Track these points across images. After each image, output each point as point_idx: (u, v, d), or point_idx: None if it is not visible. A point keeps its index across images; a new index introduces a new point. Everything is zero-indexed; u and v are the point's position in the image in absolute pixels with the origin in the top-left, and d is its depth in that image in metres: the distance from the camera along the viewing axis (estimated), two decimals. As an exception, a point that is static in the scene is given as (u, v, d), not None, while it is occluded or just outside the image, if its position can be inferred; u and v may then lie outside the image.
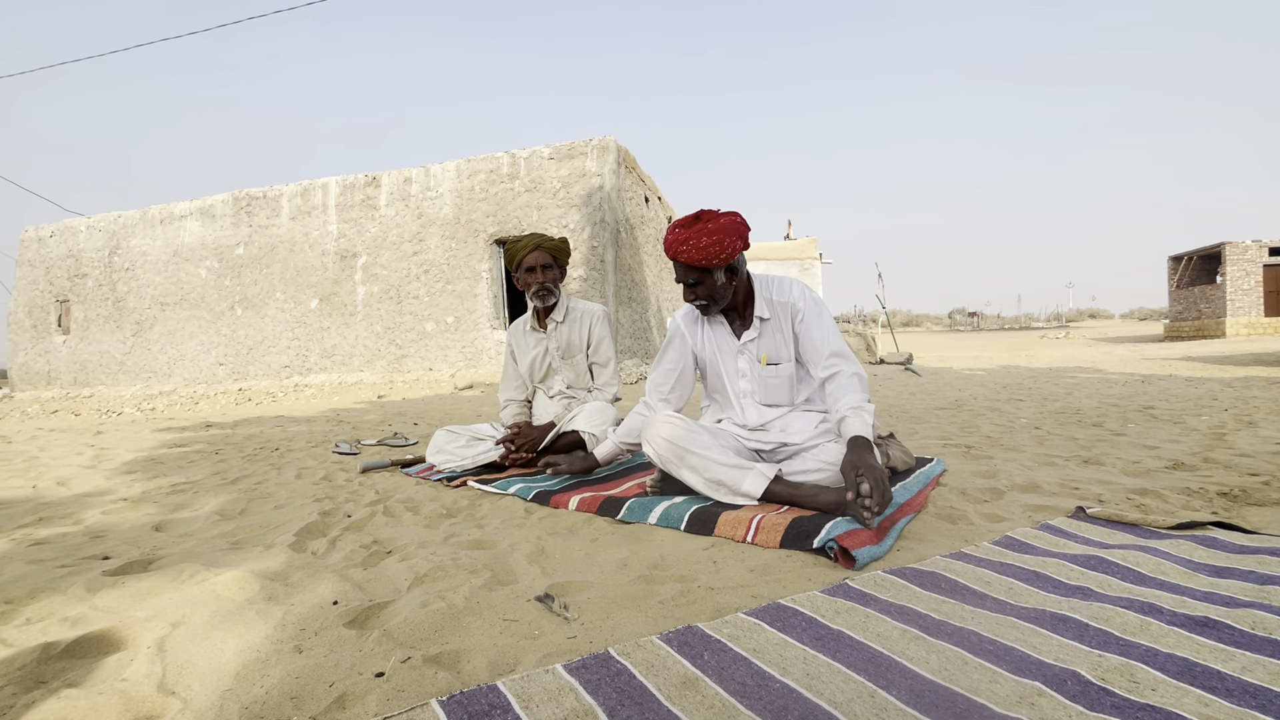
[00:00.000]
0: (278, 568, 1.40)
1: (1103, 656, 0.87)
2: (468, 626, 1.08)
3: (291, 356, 10.70)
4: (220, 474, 2.64)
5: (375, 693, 0.88)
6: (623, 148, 9.48)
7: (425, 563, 1.39)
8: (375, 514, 1.87)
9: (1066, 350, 14.23)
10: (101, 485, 2.50)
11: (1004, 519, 1.60)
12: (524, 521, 1.73)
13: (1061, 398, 4.45)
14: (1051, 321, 44.09)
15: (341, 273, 10.40)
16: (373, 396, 7.23)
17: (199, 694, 0.89)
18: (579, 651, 0.97)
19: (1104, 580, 1.15)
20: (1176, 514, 1.57)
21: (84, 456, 3.31)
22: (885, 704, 0.79)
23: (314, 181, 10.62)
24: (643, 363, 9.61)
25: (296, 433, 4.04)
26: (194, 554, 1.53)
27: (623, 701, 0.82)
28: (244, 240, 11.00)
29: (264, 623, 1.11)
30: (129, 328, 11.82)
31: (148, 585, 1.31)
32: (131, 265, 11.78)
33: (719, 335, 1.87)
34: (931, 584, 1.16)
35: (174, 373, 11.49)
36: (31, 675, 0.96)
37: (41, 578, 1.39)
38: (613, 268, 9.13)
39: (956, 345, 19.88)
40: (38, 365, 12.63)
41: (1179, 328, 19.82)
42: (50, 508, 2.11)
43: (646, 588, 1.22)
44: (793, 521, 1.45)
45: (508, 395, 2.68)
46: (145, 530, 1.79)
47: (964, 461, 2.33)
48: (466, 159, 9.82)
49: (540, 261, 2.44)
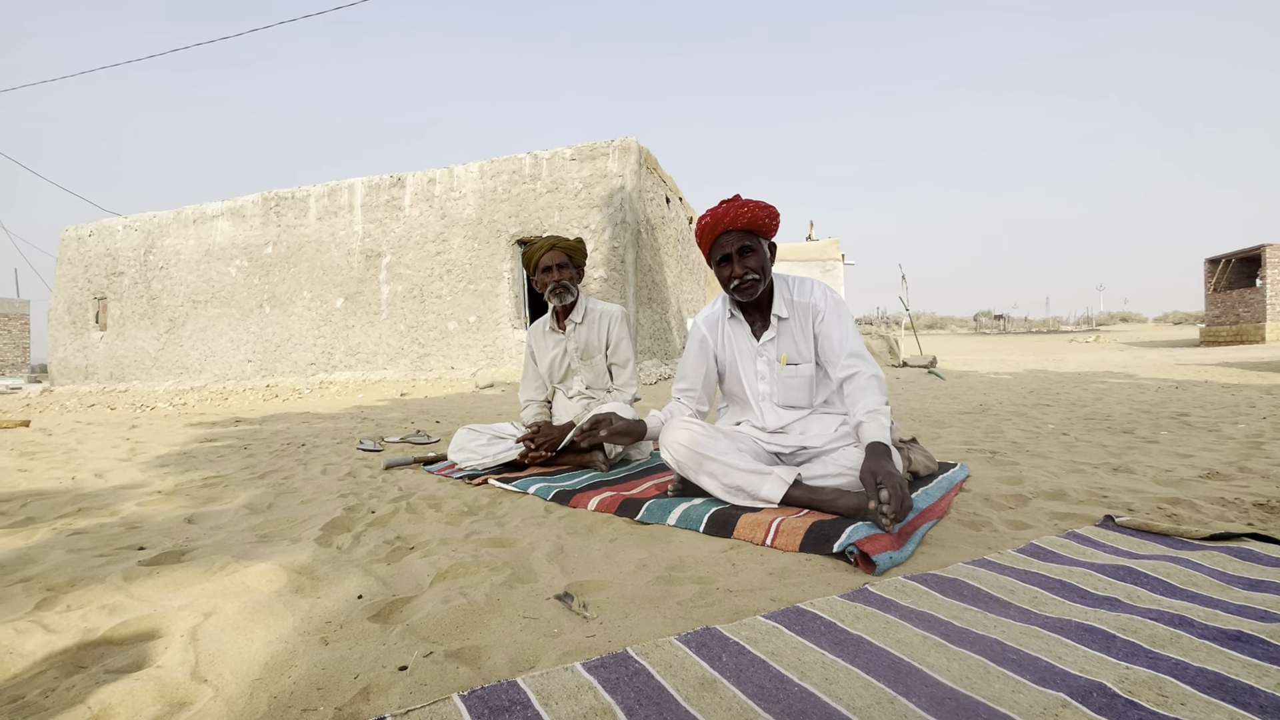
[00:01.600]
0: (304, 561, 1.43)
1: (1130, 669, 0.85)
2: (488, 623, 1.09)
3: (317, 354, 10.91)
4: (249, 469, 2.71)
5: (398, 686, 0.89)
6: (644, 148, 9.49)
7: (447, 559, 1.41)
8: (398, 510, 1.90)
9: (1096, 354, 13.89)
10: (137, 478, 2.58)
11: (1029, 526, 1.58)
12: (543, 520, 1.75)
13: (1090, 403, 4.35)
14: (1081, 325, 43.07)
15: (366, 272, 10.58)
16: (395, 394, 7.34)
17: (230, 682, 0.92)
18: (597, 650, 0.98)
19: (1133, 591, 1.13)
20: (1210, 525, 1.52)
21: (120, 450, 3.41)
22: (905, 711, 0.79)
23: (340, 182, 10.82)
24: (662, 363, 9.61)
25: (322, 429, 4.12)
26: (224, 546, 1.58)
27: (641, 701, 0.83)
28: (273, 240, 11.25)
29: (291, 615, 1.14)
30: (162, 325, 12.15)
31: (181, 576, 1.35)
32: (165, 264, 12.12)
33: (738, 337, 1.87)
34: (954, 591, 1.15)
35: (205, 369, 11.78)
36: (72, 660, 0.99)
37: (81, 566, 1.44)
38: (633, 268, 9.15)
39: (982, 348, 19.53)
40: (76, 360, 13.05)
41: (1215, 332, 19.24)
42: (88, 499, 2.19)
43: (665, 588, 1.23)
44: (812, 525, 1.44)
45: (528, 395, 2.70)
46: (178, 522, 1.84)
47: (988, 467, 2.30)
48: (489, 160, 9.91)
49: (556, 261, 2.47)
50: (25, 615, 1.16)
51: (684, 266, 12.38)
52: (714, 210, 1.73)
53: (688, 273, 12.68)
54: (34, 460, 3.11)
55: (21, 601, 1.23)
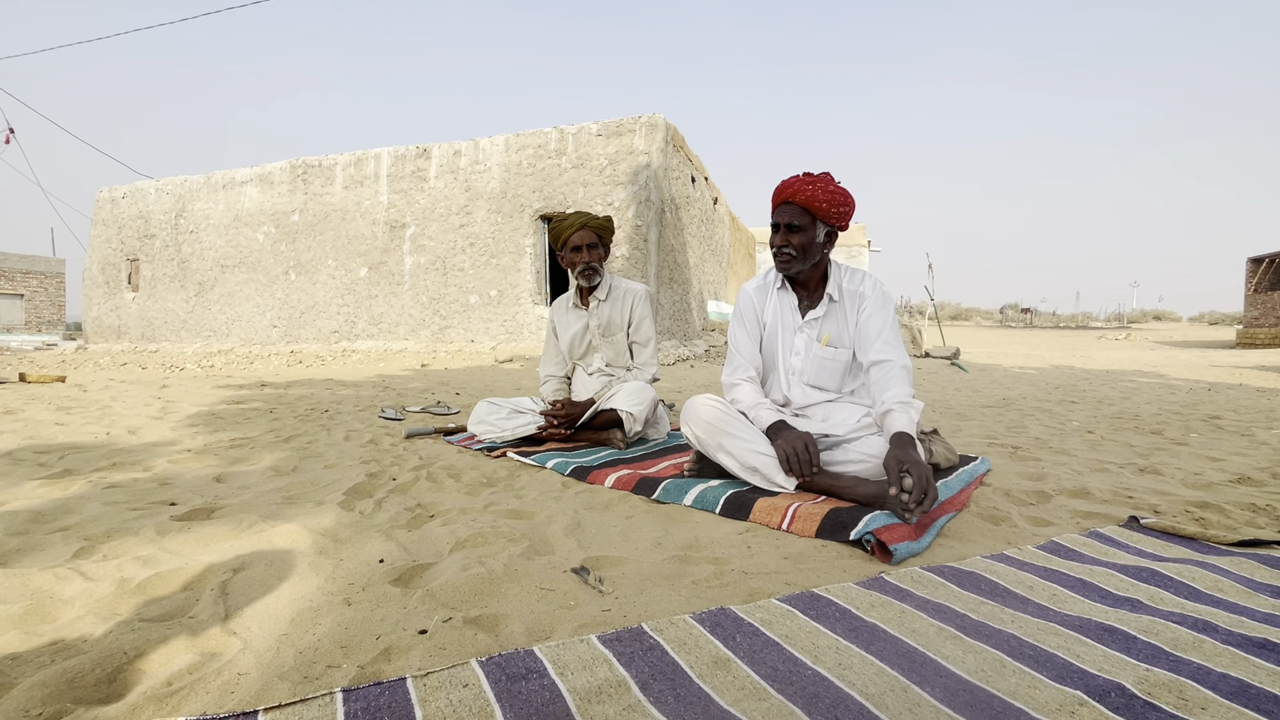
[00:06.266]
0: (328, 524, 1.47)
1: (1150, 671, 0.85)
2: (506, 592, 1.11)
3: (340, 322, 11.06)
4: (274, 432, 2.77)
5: (418, 648, 0.92)
6: (671, 126, 9.36)
7: (466, 528, 1.43)
8: (419, 479, 1.93)
9: (1126, 352, 13.56)
10: (168, 435, 2.66)
11: (1050, 523, 1.56)
12: (561, 495, 1.77)
13: (1118, 401, 4.26)
14: (1111, 321, 41.96)
15: (390, 242, 10.65)
16: (416, 365, 7.43)
17: (258, 636, 0.95)
18: (613, 624, 0.99)
19: (1156, 594, 1.11)
20: (1239, 530, 1.49)
21: (151, 408, 3.51)
22: (919, 700, 0.79)
23: (367, 152, 10.85)
24: (681, 344, 9.58)
25: (345, 396, 4.19)
26: (251, 506, 1.62)
27: (655, 676, 0.84)
28: (299, 207, 11.36)
29: (316, 575, 1.17)
30: (192, 288, 12.40)
31: (211, 532, 1.40)
32: (195, 228, 12.32)
33: (784, 308, 1.87)
34: (971, 584, 1.14)
35: (231, 332, 12.03)
36: (108, 607, 1.03)
37: (116, 519, 1.49)
38: (656, 247, 9.09)
39: (1007, 342, 19.16)
40: (109, 320, 13.40)
41: (1254, 334, 18.63)
42: (122, 454, 2.26)
43: (680, 567, 1.24)
44: (830, 512, 1.44)
45: (548, 371, 2.72)
46: (207, 480, 1.89)
47: (1010, 462, 2.27)
48: (515, 133, 9.85)
49: (586, 241, 2.45)
50: (64, 563, 1.21)
51: (707, 247, 12.27)
52: (787, 179, 1.74)
53: (710, 254, 12.56)
54: (70, 415, 3.22)
55: (61, 550, 1.29)
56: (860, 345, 1.77)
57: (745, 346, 1.90)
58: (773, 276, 1.90)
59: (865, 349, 1.74)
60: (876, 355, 1.70)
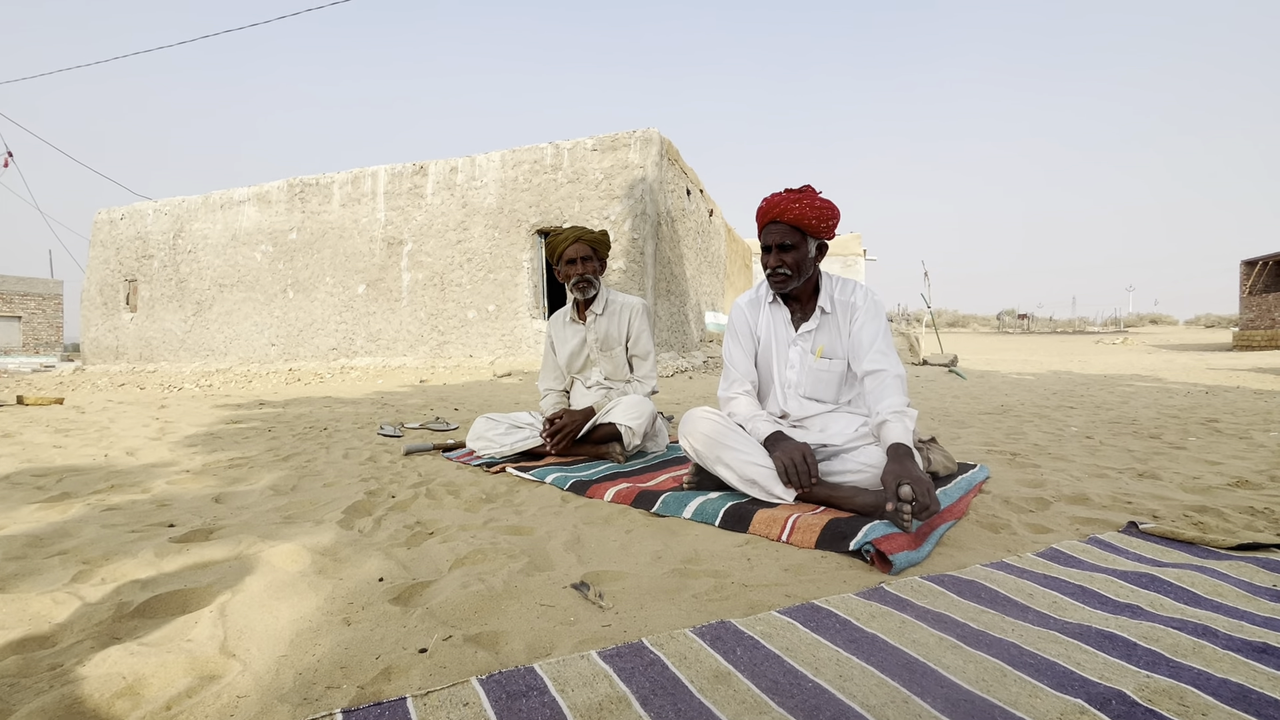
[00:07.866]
0: (327, 544, 1.46)
1: (1151, 677, 0.85)
2: (506, 609, 1.11)
3: (339, 339, 11.07)
4: (273, 451, 2.77)
5: (419, 667, 0.92)
6: (666, 139, 9.44)
7: (466, 545, 1.43)
8: (418, 496, 1.93)
9: (1123, 357, 13.59)
10: (166, 456, 2.65)
11: (1049, 530, 1.56)
12: (560, 510, 1.77)
13: (1116, 406, 4.27)
14: (1108, 326, 42.08)
15: (388, 259, 10.69)
16: (415, 381, 7.43)
17: (257, 658, 0.95)
18: (613, 640, 0.99)
19: (1155, 599, 1.11)
20: (1238, 534, 1.49)
21: (150, 429, 3.51)
22: (920, 711, 0.79)
23: (364, 170, 10.92)
24: (679, 356, 9.59)
25: (343, 413, 4.19)
26: (250, 526, 1.62)
27: (655, 691, 0.84)
28: (297, 225, 11.40)
29: (315, 595, 1.17)
30: (190, 307, 12.41)
31: (209, 553, 1.39)
32: (193, 248, 12.35)
33: (777, 322, 1.89)
34: (971, 593, 1.14)
35: (230, 351, 12.02)
36: (107, 631, 1.03)
37: (114, 541, 1.49)
38: (652, 260, 9.13)
39: (1004, 348, 19.19)
40: (107, 340, 13.39)
41: (1250, 336, 18.69)
42: (120, 476, 2.25)
43: (680, 581, 1.24)
44: (829, 522, 1.44)
45: (547, 385, 2.72)
46: (206, 501, 1.89)
47: (1009, 469, 2.27)
48: (511, 149, 9.93)
49: (580, 254, 2.47)
50: (62, 586, 1.21)
51: (703, 259, 12.32)
52: (770, 198, 1.75)
53: (707, 265, 12.62)
54: (68, 437, 3.21)
55: (59, 573, 1.28)
56: (854, 355, 1.78)
57: (740, 361, 1.91)
58: (764, 291, 1.91)
59: (859, 359, 1.76)
60: (870, 365, 1.71)
